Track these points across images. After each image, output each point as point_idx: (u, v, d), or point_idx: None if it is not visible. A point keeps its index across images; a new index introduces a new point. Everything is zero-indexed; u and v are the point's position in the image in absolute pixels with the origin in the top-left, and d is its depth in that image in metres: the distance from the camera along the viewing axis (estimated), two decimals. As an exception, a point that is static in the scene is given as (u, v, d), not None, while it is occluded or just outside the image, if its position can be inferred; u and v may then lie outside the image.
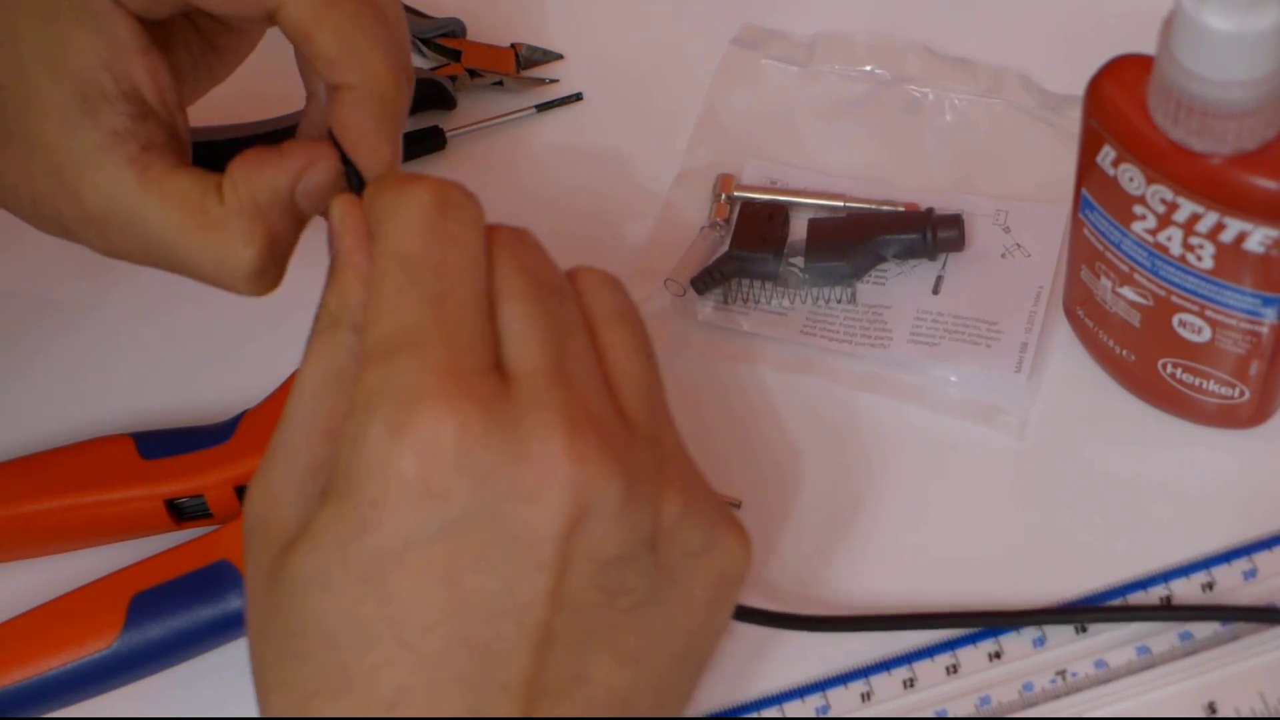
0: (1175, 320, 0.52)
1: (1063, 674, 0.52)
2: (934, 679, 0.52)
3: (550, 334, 0.44)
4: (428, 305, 0.43)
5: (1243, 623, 0.51)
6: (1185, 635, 0.52)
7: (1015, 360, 0.57)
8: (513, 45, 0.67)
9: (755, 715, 0.52)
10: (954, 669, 0.52)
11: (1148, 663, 0.51)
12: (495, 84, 0.66)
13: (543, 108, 0.66)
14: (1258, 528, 0.54)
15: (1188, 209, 0.48)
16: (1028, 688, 0.52)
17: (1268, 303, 0.50)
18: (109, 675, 0.53)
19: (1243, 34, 0.44)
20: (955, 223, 0.59)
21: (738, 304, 0.60)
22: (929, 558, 0.54)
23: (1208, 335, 0.52)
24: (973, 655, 0.52)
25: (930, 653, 0.52)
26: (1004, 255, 0.60)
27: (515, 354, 0.43)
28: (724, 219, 0.61)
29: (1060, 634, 0.52)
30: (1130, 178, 0.49)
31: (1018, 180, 0.61)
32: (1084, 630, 0.52)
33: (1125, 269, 0.52)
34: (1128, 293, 0.53)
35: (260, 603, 0.44)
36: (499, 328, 0.44)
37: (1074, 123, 0.51)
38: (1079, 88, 0.50)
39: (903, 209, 0.60)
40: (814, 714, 0.52)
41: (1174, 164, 0.47)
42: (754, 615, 0.52)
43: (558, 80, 0.66)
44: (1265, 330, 0.51)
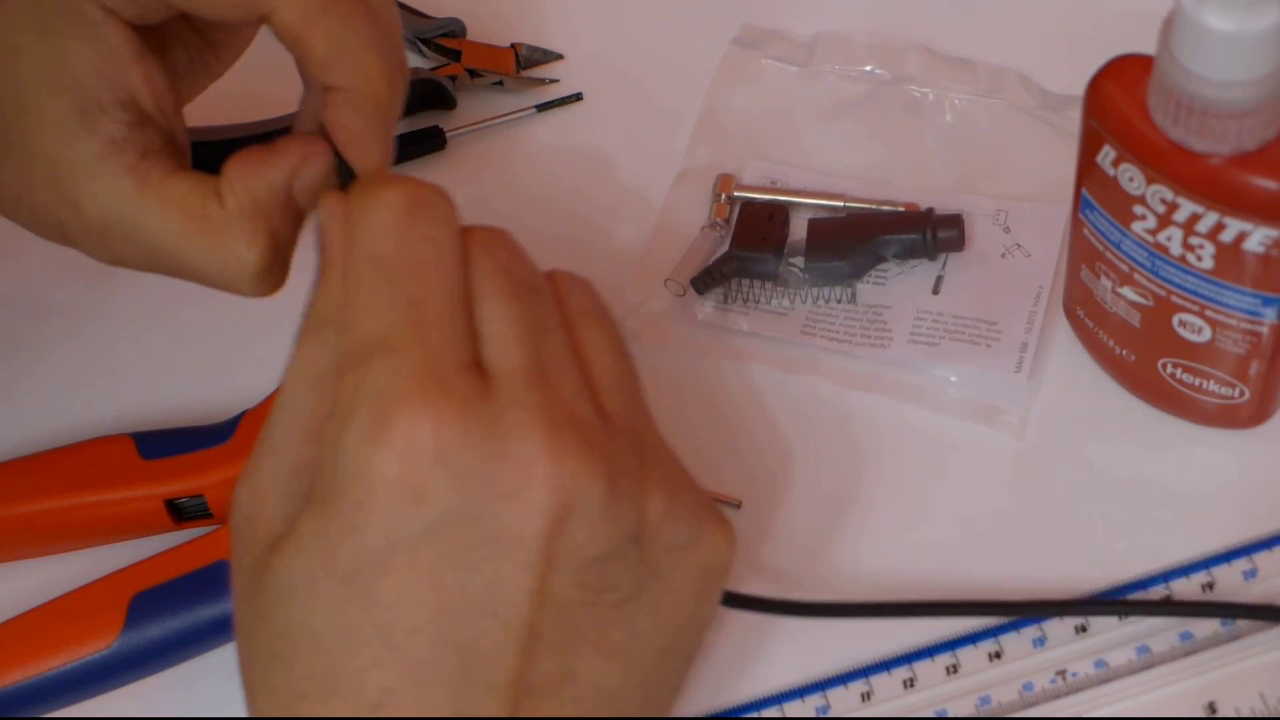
0: (1175, 320, 0.52)
1: (1063, 674, 0.52)
2: (934, 679, 0.52)
3: (528, 333, 0.44)
4: (402, 307, 0.43)
5: (1243, 621, 0.51)
6: (1185, 635, 0.52)
7: (1015, 360, 0.57)
8: (513, 45, 0.66)
9: (755, 715, 0.52)
10: (954, 669, 0.52)
11: (1148, 662, 0.51)
12: (495, 84, 0.66)
13: (543, 108, 0.65)
14: (1258, 528, 0.54)
15: (1188, 209, 0.48)
16: (1028, 688, 0.52)
17: (1268, 303, 0.50)
18: (109, 675, 0.53)
19: (1243, 34, 0.44)
20: (955, 223, 0.59)
21: (738, 304, 0.60)
22: (929, 558, 0.54)
23: (1208, 335, 0.52)
24: (973, 655, 0.52)
25: (930, 652, 0.52)
26: (1004, 255, 0.60)
27: (494, 353, 0.43)
28: (724, 219, 0.61)
29: (1060, 634, 0.52)
30: (1130, 178, 0.49)
31: (1018, 180, 0.61)
32: (1084, 630, 0.52)
33: (1125, 269, 0.52)
34: (1128, 293, 0.53)
35: (247, 604, 0.44)
36: (477, 328, 0.44)
37: (1074, 123, 0.51)
38: (1079, 88, 0.50)
39: (903, 209, 0.60)
40: (814, 714, 0.52)
41: (1174, 164, 0.47)
42: (752, 602, 0.51)
43: (558, 80, 0.66)
44: (1265, 330, 0.51)
